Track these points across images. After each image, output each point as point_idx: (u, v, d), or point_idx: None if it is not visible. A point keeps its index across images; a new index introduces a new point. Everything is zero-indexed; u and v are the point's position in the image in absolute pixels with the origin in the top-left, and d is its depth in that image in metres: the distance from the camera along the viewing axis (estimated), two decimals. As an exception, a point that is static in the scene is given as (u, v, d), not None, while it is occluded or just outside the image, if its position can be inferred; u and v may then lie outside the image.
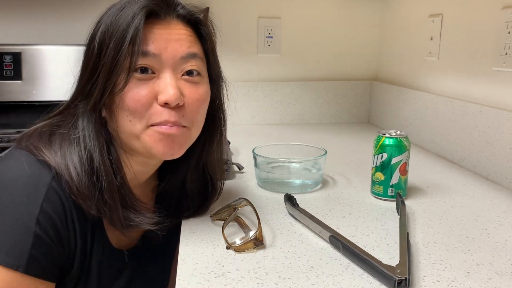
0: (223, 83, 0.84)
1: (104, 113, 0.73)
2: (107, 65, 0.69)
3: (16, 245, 0.63)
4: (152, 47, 0.70)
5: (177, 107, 0.71)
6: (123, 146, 0.74)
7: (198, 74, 0.75)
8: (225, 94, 0.85)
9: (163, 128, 0.71)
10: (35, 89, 1.57)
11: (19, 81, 1.55)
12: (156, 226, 0.76)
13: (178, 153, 0.75)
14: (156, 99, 0.71)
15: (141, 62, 0.69)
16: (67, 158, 0.69)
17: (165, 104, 0.70)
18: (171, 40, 0.72)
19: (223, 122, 0.86)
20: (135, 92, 0.70)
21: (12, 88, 1.56)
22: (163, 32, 0.72)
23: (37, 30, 1.66)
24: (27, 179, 0.67)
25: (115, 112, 0.71)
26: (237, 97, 1.71)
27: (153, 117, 0.71)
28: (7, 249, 0.63)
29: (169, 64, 0.71)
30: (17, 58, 1.54)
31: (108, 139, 0.73)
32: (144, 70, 0.70)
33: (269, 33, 1.77)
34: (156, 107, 0.71)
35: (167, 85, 0.70)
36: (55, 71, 1.57)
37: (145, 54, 0.70)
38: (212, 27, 0.80)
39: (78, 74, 0.75)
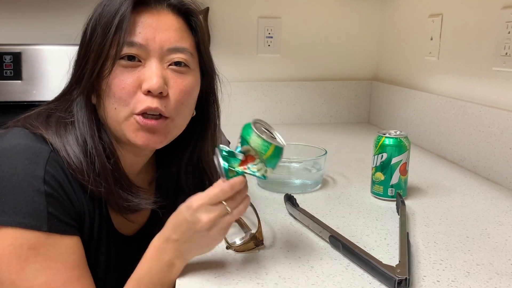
0: (216, 77, 0.84)
1: (93, 100, 0.74)
2: (94, 51, 0.70)
3: (31, 207, 0.63)
4: (139, 38, 0.70)
5: (161, 96, 0.71)
6: (112, 134, 0.75)
7: (186, 65, 0.75)
8: (218, 88, 0.85)
9: (143, 121, 0.71)
10: (35, 89, 1.57)
11: (19, 81, 1.55)
12: (156, 205, 0.77)
13: (161, 144, 0.75)
14: (141, 87, 0.71)
15: (128, 50, 0.70)
16: (63, 139, 0.70)
17: (148, 92, 0.70)
18: (159, 30, 0.72)
19: (216, 115, 0.86)
20: (121, 80, 0.70)
21: (12, 88, 1.55)
22: (151, 21, 0.72)
23: (37, 30, 1.66)
24: (26, 146, 0.67)
25: (102, 99, 0.72)
26: (236, 96, 1.71)
27: (136, 105, 0.71)
28: (23, 212, 0.63)
29: (156, 54, 0.72)
30: (17, 58, 1.54)
31: (99, 124, 0.74)
32: (130, 57, 0.71)
33: (269, 33, 1.77)
34: (140, 96, 0.71)
35: (152, 74, 0.70)
36: (55, 71, 1.57)
37: (131, 44, 0.70)
38: (204, 20, 0.80)
39: (73, 60, 0.76)
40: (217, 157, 0.67)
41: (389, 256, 0.73)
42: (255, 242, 0.75)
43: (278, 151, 0.67)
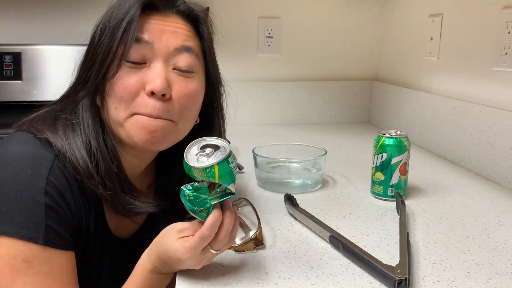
0: (222, 87, 0.83)
1: (98, 102, 0.74)
2: (102, 51, 0.70)
3: (29, 218, 0.63)
4: (146, 35, 0.71)
5: (164, 100, 0.71)
6: (114, 136, 0.75)
7: (191, 69, 0.75)
8: (224, 98, 0.84)
9: (145, 119, 0.71)
10: (35, 89, 1.57)
11: (19, 81, 1.55)
12: (158, 209, 0.77)
13: (161, 144, 0.74)
14: (144, 89, 0.71)
15: (134, 49, 0.70)
16: (71, 141, 0.70)
17: (152, 94, 0.70)
18: (166, 31, 0.72)
19: (221, 125, 0.86)
20: (124, 80, 0.70)
21: (12, 88, 1.55)
22: (159, 23, 0.73)
23: (37, 30, 1.66)
24: (30, 154, 0.67)
25: (105, 99, 0.72)
26: (237, 97, 1.71)
27: (137, 107, 0.71)
28: (22, 222, 0.63)
29: (161, 55, 0.72)
30: (17, 58, 1.54)
31: (103, 126, 0.74)
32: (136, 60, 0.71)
33: (269, 33, 1.77)
34: (143, 98, 0.71)
35: (156, 76, 0.70)
36: (55, 71, 1.57)
37: (138, 40, 0.70)
38: (211, 26, 0.80)
39: (80, 62, 0.76)
40: (182, 201, 0.64)
41: (389, 256, 0.73)
42: (255, 242, 0.75)
43: (224, 164, 0.61)
